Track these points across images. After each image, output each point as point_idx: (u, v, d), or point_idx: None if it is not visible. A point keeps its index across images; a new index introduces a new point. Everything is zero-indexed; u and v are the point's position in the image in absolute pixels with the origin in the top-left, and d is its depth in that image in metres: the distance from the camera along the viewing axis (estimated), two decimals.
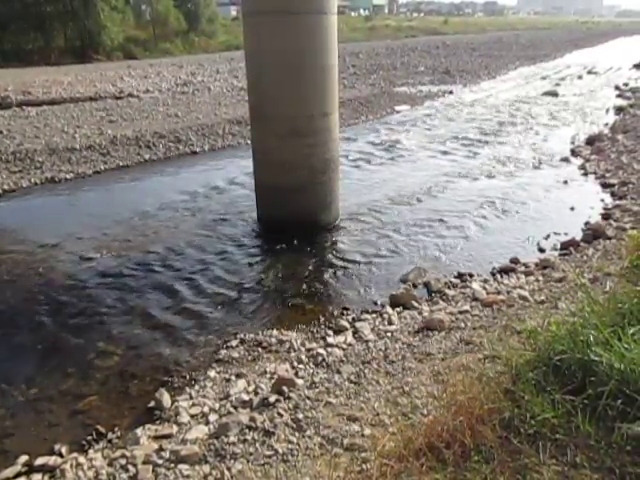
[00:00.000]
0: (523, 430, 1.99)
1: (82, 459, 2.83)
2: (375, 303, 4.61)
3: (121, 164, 9.14)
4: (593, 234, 5.62)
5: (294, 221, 5.98)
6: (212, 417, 3.04)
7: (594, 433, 1.91)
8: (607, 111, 13.12)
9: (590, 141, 9.97)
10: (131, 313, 4.53)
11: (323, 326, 4.20)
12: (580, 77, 20.16)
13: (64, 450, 2.96)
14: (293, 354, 3.72)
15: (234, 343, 3.97)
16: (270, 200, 6.21)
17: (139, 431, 2.99)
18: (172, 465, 2.63)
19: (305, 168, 5.93)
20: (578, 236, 5.71)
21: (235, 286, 4.98)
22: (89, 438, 3.05)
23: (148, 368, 3.76)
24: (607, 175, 7.89)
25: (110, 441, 3.02)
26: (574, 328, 2.30)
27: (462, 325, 3.81)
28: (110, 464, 2.76)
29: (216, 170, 8.93)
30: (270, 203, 6.23)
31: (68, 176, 8.45)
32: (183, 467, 2.59)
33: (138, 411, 3.29)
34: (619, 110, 12.84)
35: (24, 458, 2.90)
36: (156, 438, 2.92)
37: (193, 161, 9.51)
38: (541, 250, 5.58)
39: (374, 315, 4.32)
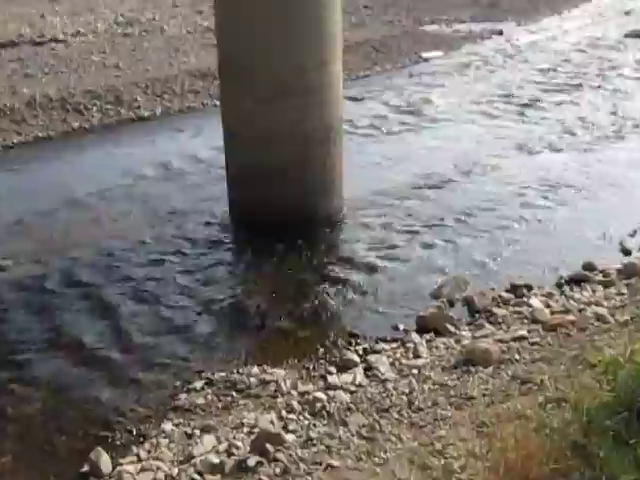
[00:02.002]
0: None
1: None
2: (395, 328, 4.62)
3: (41, 135, 9.12)
4: None
5: (280, 214, 5.99)
6: None
7: None
8: None
9: None
10: (57, 343, 4.54)
11: (323, 360, 4.21)
12: None
13: None
14: (281, 400, 3.73)
15: (198, 384, 3.98)
16: (247, 186, 6.23)
17: None
18: None
19: (295, 140, 5.94)
20: None
21: (199, 306, 4.98)
22: None
23: (80, 418, 3.76)
24: None
25: None
26: None
27: (516, 357, 3.83)
28: None
29: (172, 143, 8.92)
30: (247, 190, 6.24)
31: None
32: None
33: (67, 478, 3.29)
34: None
35: None
36: None
37: (140, 130, 9.50)
38: (625, 252, 5.61)
39: (394, 345, 4.33)
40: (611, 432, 2.19)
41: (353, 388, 3.78)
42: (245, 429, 3.47)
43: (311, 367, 4.15)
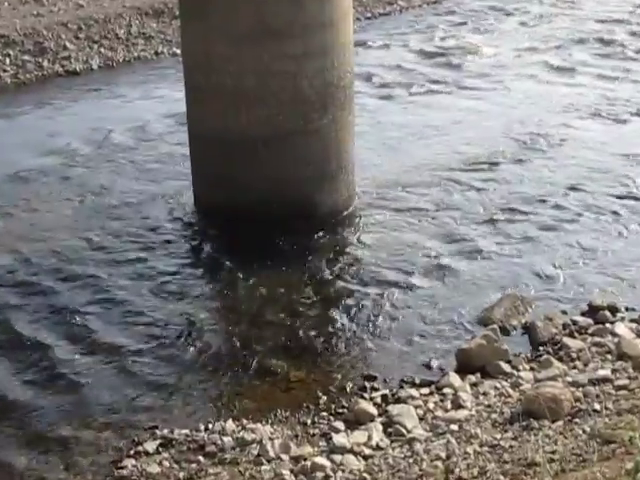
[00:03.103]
0: None
1: None
2: (427, 366, 4.63)
3: None
4: None
5: (266, 206, 6.00)
6: None
7: None
8: None
9: None
10: None
11: (325, 413, 4.20)
12: None
13: None
14: (266, 467, 3.72)
15: (151, 446, 3.97)
16: (219, 166, 6.24)
17: None
18: None
19: (285, 100, 5.95)
20: None
21: (153, 334, 4.99)
22: None
23: None
24: None
25: None
26: None
27: (596, 407, 3.84)
28: None
29: (114, 107, 8.98)
30: (219, 172, 6.26)
31: None
32: None
33: None
34: None
35: None
36: None
37: (70, 89, 9.54)
38: None
39: (425, 390, 4.33)
40: None
41: (368, 451, 3.77)
42: None
43: (309, 422, 4.13)
